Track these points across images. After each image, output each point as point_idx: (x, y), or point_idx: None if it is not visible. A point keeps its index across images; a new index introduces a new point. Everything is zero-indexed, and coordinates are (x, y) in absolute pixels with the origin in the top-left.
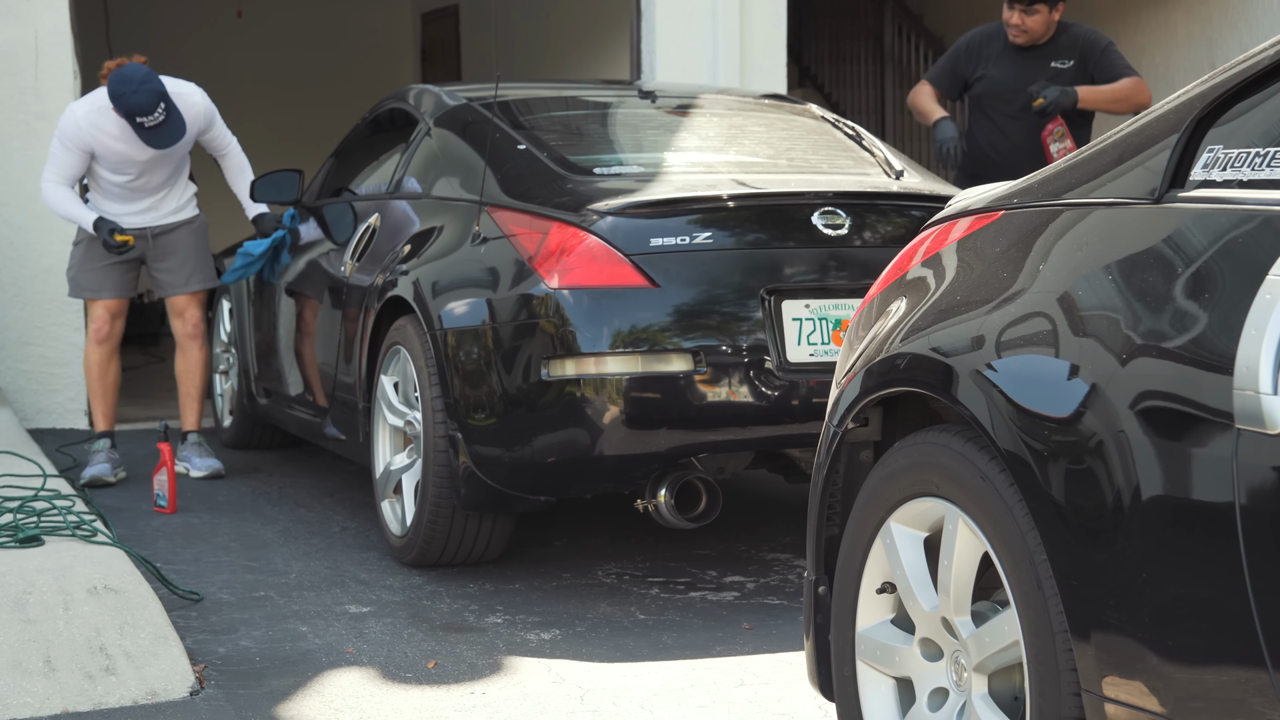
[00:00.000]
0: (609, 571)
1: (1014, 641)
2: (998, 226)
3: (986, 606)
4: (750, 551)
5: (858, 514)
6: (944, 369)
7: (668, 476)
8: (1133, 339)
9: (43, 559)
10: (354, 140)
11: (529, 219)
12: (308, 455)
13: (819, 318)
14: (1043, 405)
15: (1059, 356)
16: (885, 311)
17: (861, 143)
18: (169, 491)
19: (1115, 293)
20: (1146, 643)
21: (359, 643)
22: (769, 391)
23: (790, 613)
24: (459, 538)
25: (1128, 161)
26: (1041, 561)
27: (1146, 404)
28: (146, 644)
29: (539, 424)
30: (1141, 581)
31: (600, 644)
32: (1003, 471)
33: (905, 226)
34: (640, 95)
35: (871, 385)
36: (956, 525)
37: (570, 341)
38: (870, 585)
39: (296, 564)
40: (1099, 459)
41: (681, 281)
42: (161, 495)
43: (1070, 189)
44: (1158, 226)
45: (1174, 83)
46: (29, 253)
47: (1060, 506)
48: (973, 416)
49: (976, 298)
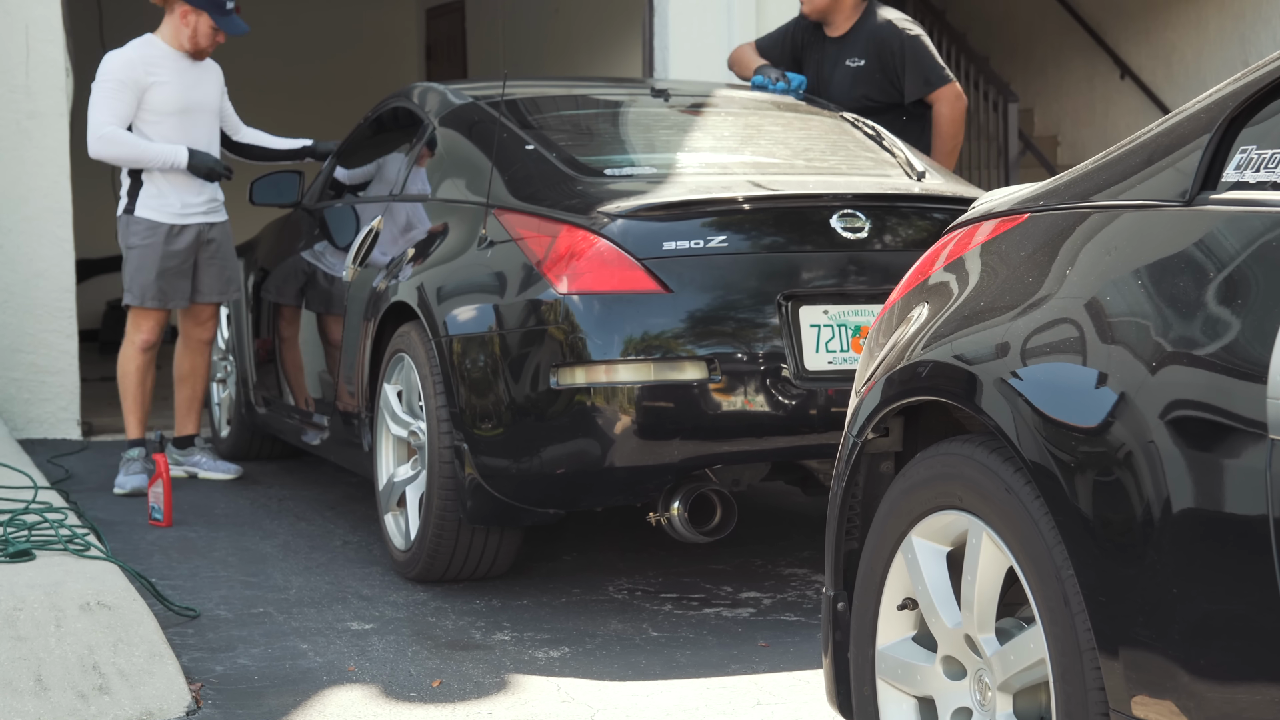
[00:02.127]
0: (620, 587)
1: (1040, 660)
2: (1023, 230)
3: (1011, 623)
4: (767, 566)
5: (878, 527)
6: (967, 377)
7: (681, 489)
8: (1163, 346)
9: (34, 574)
10: (356, 140)
11: (537, 222)
12: (308, 467)
13: (838, 324)
14: (1070, 415)
15: (1086, 364)
16: (906, 318)
17: (882, 143)
18: (165, 504)
19: (1145, 298)
20: (1177, 660)
21: (361, 661)
22: (786, 400)
23: (808, 630)
24: (465, 552)
25: (1157, 162)
26: (1068, 577)
27: (1177, 413)
28: (141, 662)
29: (548, 434)
30: (1172, 597)
31: (611, 662)
32: (1028, 483)
33: (927, 230)
34: (652, 94)
35: (892, 394)
36: (980, 539)
37: (580, 349)
38: (891, 601)
39: (297, 579)
40: (1128, 470)
41: (695, 286)
42: (157, 508)
43: (1098, 191)
44: (1189, 230)
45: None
46: (19, 257)
47: (1088, 520)
48: (997, 426)
49: (1001, 303)
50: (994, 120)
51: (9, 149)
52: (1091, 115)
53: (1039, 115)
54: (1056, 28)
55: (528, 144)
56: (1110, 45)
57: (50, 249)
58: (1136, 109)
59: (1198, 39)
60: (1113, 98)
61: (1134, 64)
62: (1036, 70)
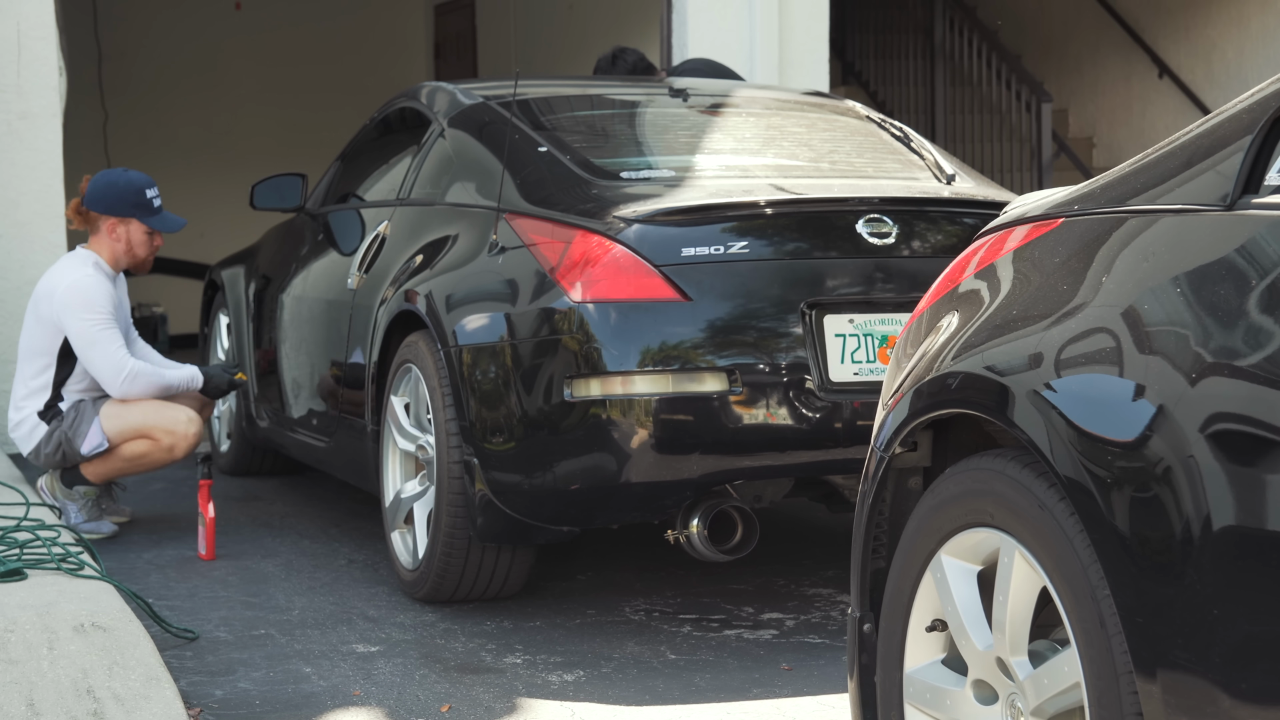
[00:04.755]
0: (637, 608)
1: (1075, 683)
2: (1057, 235)
3: (1045, 645)
4: (789, 586)
5: (906, 546)
6: (999, 389)
7: (701, 505)
8: (1203, 357)
9: (25, 594)
10: (361, 142)
11: (551, 227)
12: (311, 482)
13: (864, 334)
14: (1106, 428)
15: (1123, 376)
16: (935, 327)
17: (910, 145)
18: (207, 538)
19: (1184, 306)
20: (1218, 684)
21: (367, 685)
22: (810, 413)
23: (833, 652)
24: (475, 571)
25: (1197, 165)
26: (1104, 597)
27: (1218, 427)
28: (137, 686)
29: (561, 448)
30: (1212, 619)
31: (628, 686)
32: (1062, 500)
33: (957, 235)
34: (671, 94)
35: (921, 407)
36: (1013, 558)
37: (595, 359)
38: (919, 623)
39: (299, 600)
40: (1167, 486)
41: (715, 294)
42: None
43: (1135, 195)
44: (1230, 235)
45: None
46: (10, 264)
47: (1125, 538)
48: (1030, 440)
49: (1034, 312)
50: (1027, 121)
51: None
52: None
53: (1073, 116)
54: (1092, 24)
55: (540, 146)
56: (1148, 43)
57: (42, 255)
58: (1175, 109)
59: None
60: (1150, 97)
61: (1173, 62)
62: (1071, 69)
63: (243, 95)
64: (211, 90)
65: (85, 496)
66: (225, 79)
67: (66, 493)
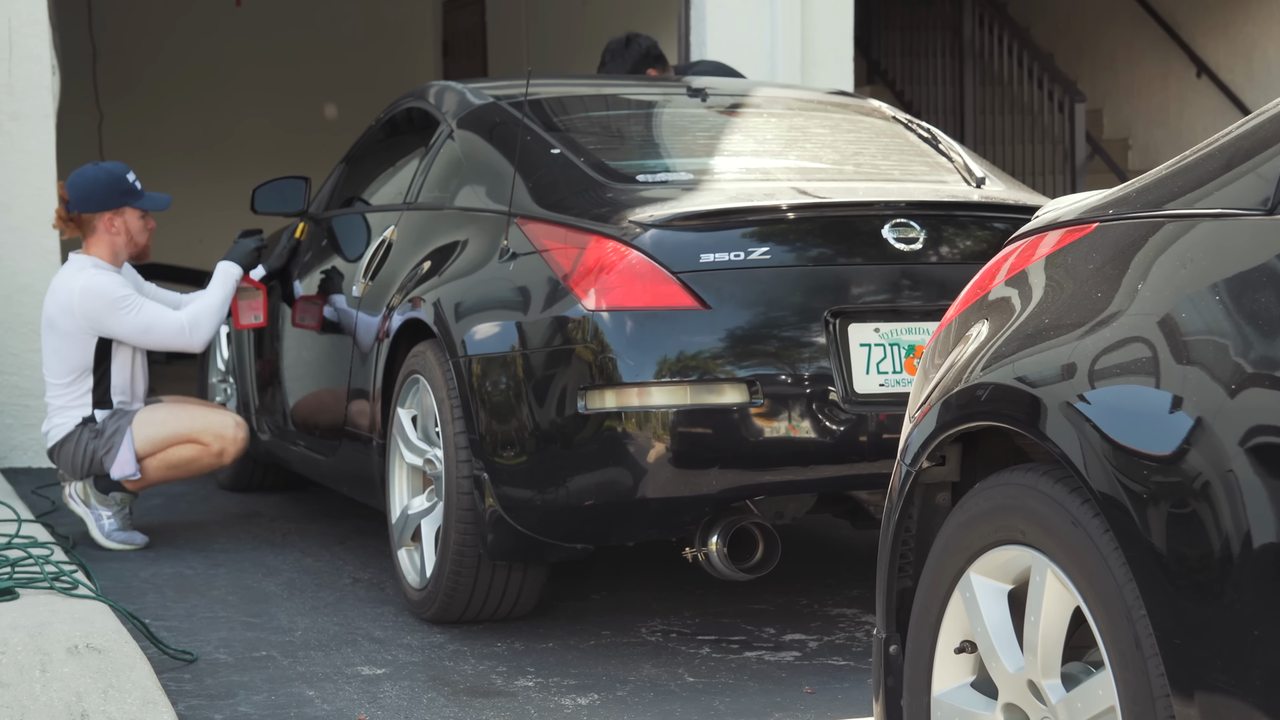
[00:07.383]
0: (654, 629)
1: (1109, 707)
2: (1091, 240)
3: (1078, 668)
4: (812, 606)
5: (933, 564)
6: (1030, 401)
7: (720, 522)
8: (1243, 367)
9: (17, 614)
10: (367, 144)
11: (564, 232)
12: (315, 498)
13: (890, 343)
14: (1142, 442)
15: (1160, 387)
16: (964, 336)
17: (938, 146)
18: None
19: (1223, 315)
20: (1259, 708)
21: (372, 709)
22: (834, 426)
23: (858, 675)
24: (485, 591)
25: (1237, 168)
26: (1140, 617)
27: (1259, 440)
28: (133, 710)
29: (575, 462)
30: (1253, 640)
31: (644, 709)
32: (1096, 516)
33: (987, 241)
34: (689, 93)
35: (949, 419)
36: (1044, 576)
37: (610, 370)
38: (947, 644)
39: (302, 620)
40: (1205, 502)
41: (735, 302)
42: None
43: (1172, 198)
44: (1271, 240)
45: None
46: (1, 270)
47: (1161, 555)
48: (1063, 454)
49: (1067, 321)
50: (1059, 122)
51: None
52: (1165, 116)
53: (1108, 116)
54: (1127, 21)
55: (553, 148)
56: (1186, 40)
57: (35, 261)
58: (1214, 109)
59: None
60: (1188, 97)
61: (1211, 61)
62: (1105, 68)
63: (243, 95)
64: (211, 90)
65: (121, 504)
66: (225, 79)
67: (101, 499)
